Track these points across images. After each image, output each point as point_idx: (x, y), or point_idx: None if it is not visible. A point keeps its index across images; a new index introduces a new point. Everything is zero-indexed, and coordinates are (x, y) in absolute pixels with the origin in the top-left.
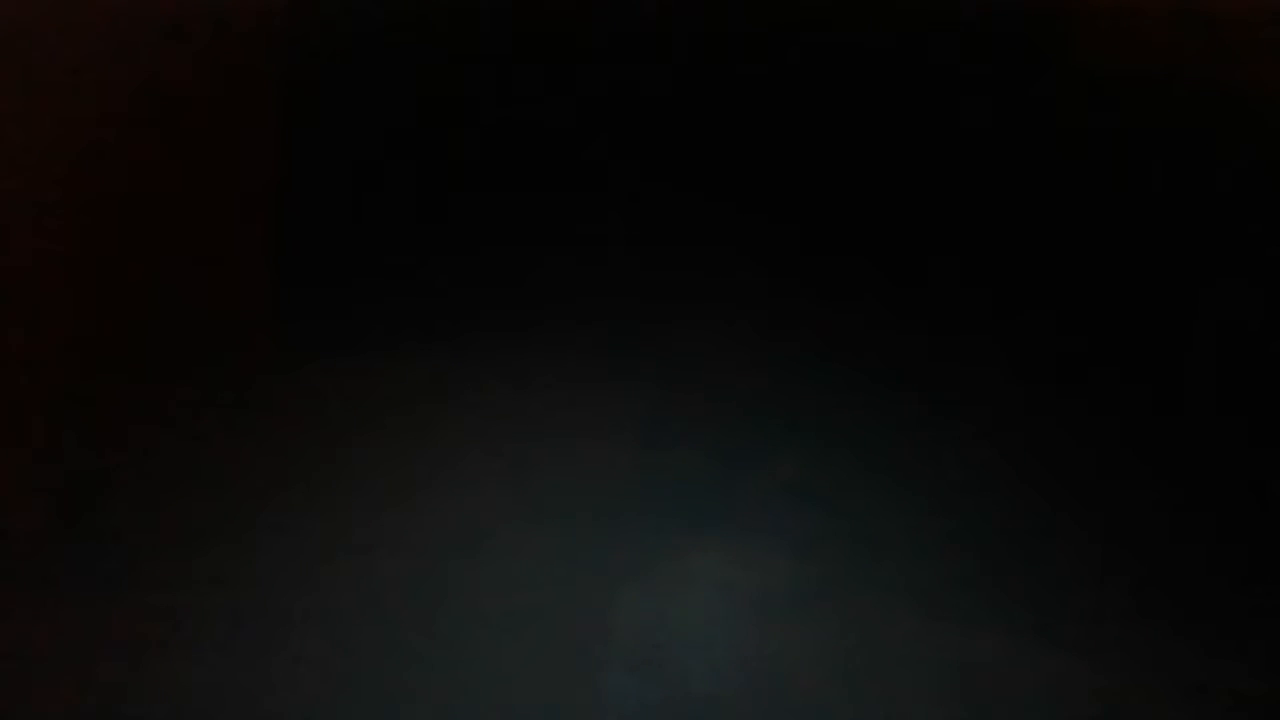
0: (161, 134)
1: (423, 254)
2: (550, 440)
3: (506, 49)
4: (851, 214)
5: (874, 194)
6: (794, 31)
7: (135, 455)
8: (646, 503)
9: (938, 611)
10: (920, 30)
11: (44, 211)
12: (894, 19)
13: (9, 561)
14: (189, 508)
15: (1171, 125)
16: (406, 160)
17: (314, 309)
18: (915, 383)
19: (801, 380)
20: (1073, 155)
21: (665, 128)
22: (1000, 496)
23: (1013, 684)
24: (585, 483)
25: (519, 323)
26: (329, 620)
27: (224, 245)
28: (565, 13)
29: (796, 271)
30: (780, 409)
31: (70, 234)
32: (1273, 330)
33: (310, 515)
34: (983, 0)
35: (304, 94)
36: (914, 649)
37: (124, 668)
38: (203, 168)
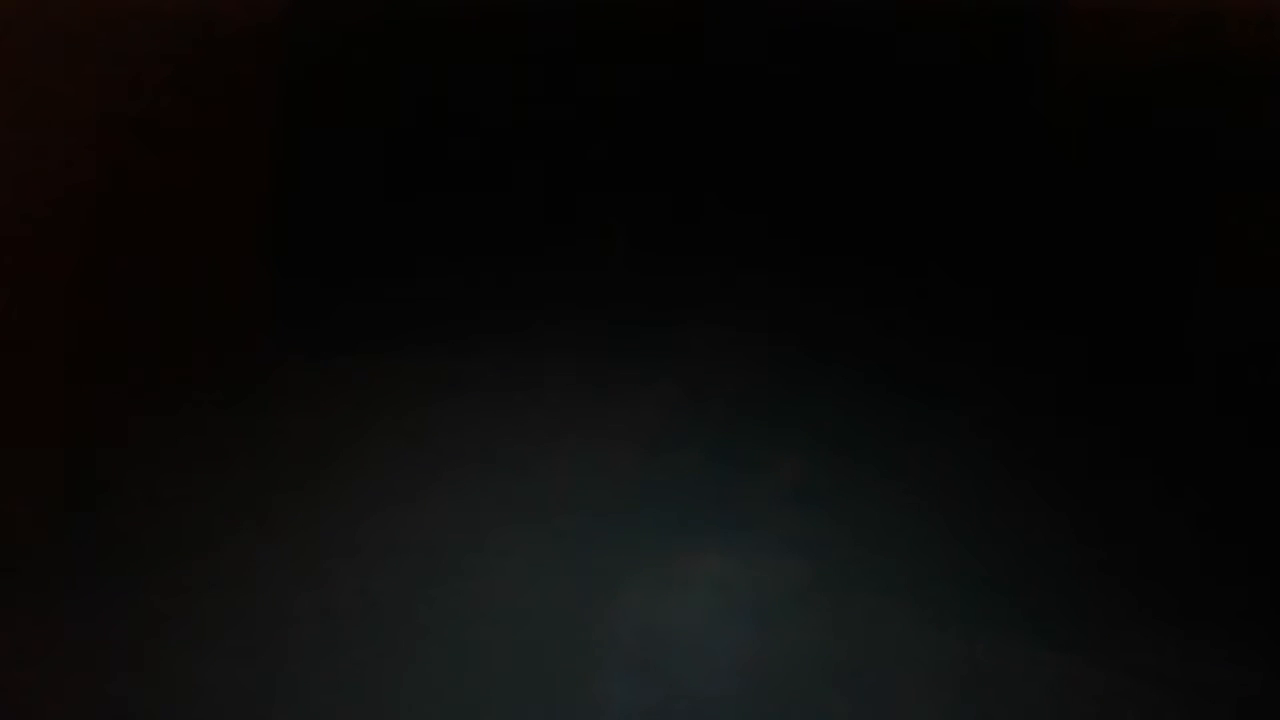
0: (160, 134)
1: (423, 253)
2: (550, 440)
3: (508, 48)
4: (852, 215)
5: (875, 194)
6: (792, 31)
7: (135, 455)
8: (646, 503)
9: (938, 611)
10: (918, 30)
11: (43, 211)
12: (892, 19)
13: (9, 562)
14: (189, 508)
15: (1164, 124)
16: (406, 160)
17: (313, 309)
18: (915, 383)
19: (802, 380)
20: (1070, 154)
21: (667, 128)
22: (1000, 496)
23: (1012, 684)
24: (585, 483)
25: (519, 323)
26: (329, 620)
27: (223, 244)
28: (566, 12)
29: (796, 271)
30: (781, 409)
31: (69, 234)
32: (1271, 331)
33: (310, 515)
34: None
35: (304, 94)
36: (914, 649)
37: (124, 668)
38: (202, 167)
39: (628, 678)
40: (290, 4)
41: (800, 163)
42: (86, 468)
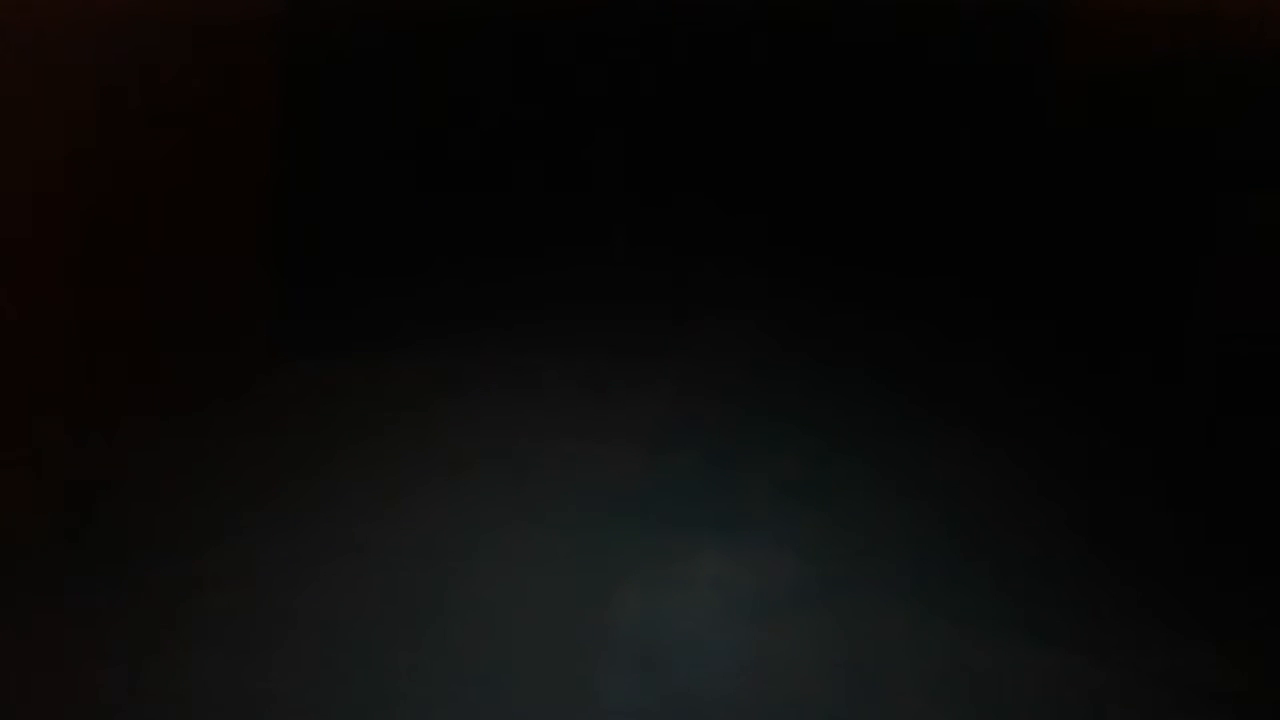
0: (161, 134)
1: (423, 254)
2: (551, 440)
3: (508, 48)
4: (851, 214)
5: (873, 194)
6: (796, 33)
7: (135, 455)
8: (647, 503)
9: (937, 611)
10: (920, 31)
11: (44, 211)
12: (894, 21)
13: (9, 564)
14: (189, 508)
15: (1165, 123)
16: (406, 160)
17: (314, 309)
18: (915, 383)
19: (802, 381)
20: (1070, 154)
21: (670, 129)
22: (999, 496)
23: (1011, 683)
24: (586, 483)
25: (520, 323)
26: (328, 620)
27: (223, 245)
28: (567, 12)
29: (797, 273)
30: (781, 409)
31: (70, 234)
32: (1270, 332)
33: (309, 515)
34: (981, 1)
35: (304, 94)
36: (914, 649)
37: (124, 669)
38: (202, 167)
39: (628, 677)
40: (292, 4)
41: (801, 163)
42: (86, 468)
